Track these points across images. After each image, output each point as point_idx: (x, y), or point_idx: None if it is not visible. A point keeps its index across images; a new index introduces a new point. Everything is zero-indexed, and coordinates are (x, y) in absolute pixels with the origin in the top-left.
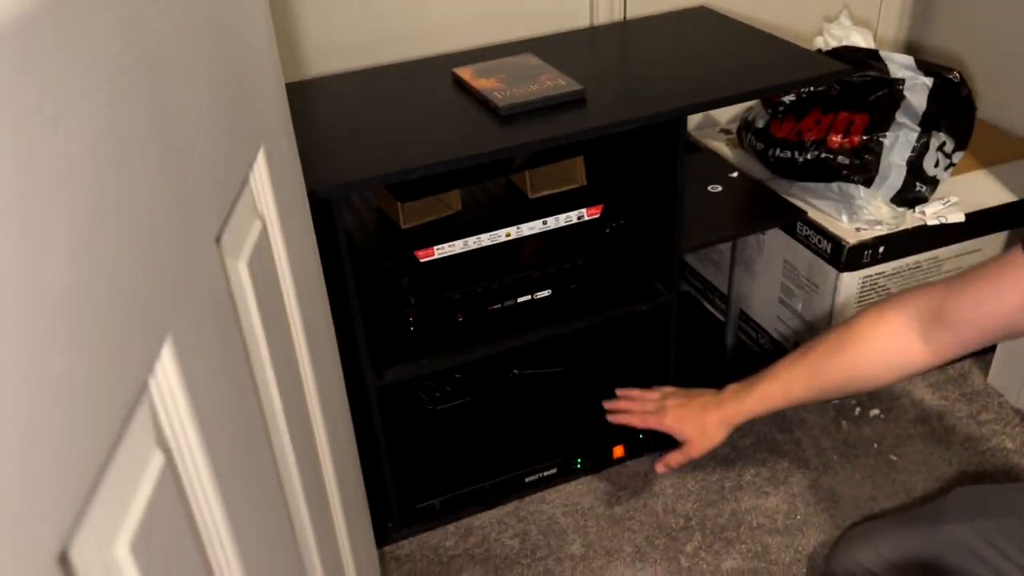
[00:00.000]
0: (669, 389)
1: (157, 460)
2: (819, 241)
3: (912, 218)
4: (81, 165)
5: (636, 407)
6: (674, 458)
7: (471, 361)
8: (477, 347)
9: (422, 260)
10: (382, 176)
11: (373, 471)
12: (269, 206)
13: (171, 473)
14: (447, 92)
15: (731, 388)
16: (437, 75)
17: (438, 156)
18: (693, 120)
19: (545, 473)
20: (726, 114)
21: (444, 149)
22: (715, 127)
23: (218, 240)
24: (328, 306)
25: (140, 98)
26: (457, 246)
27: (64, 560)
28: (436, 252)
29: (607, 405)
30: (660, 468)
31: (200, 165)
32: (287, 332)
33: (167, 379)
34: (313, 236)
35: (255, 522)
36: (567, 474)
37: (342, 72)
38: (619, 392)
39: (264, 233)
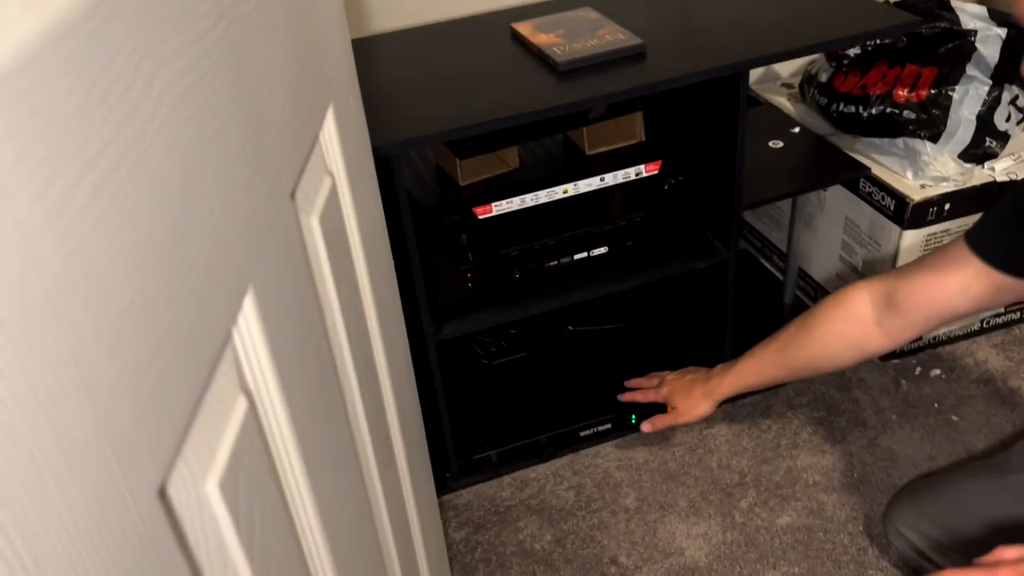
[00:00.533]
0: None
1: (241, 405)
2: (882, 198)
3: (980, 174)
4: (170, 122)
5: (641, 384)
6: (660, 420)
7: (527, 317)
8: (534, 303)
9: (480, 217)
10: (442, 133)
11: (432, 423)
12: (338, 163)
13: (253, 417)
14: (506, 48)
15: (719, 366)
16: (496, 31)
17: (497, 112)
18: (754, 74)
19: (600, 428)
20: (788, 68)
21: (503, 105)
22: (776, 81)
23: (292, 196)
24: (392, 261)
25: (221, 59)
26: (515, 203)
27: (163, 495)
28: (494, 209)
29: (622, 395)
30: (646, 427)
31: (276, 122)
32: (355, 285)
33: (249, 328)
34: (378, 192)
35: (328, 465)
36: (621, 429)
37: (401, 29)
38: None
39: (334, 189)
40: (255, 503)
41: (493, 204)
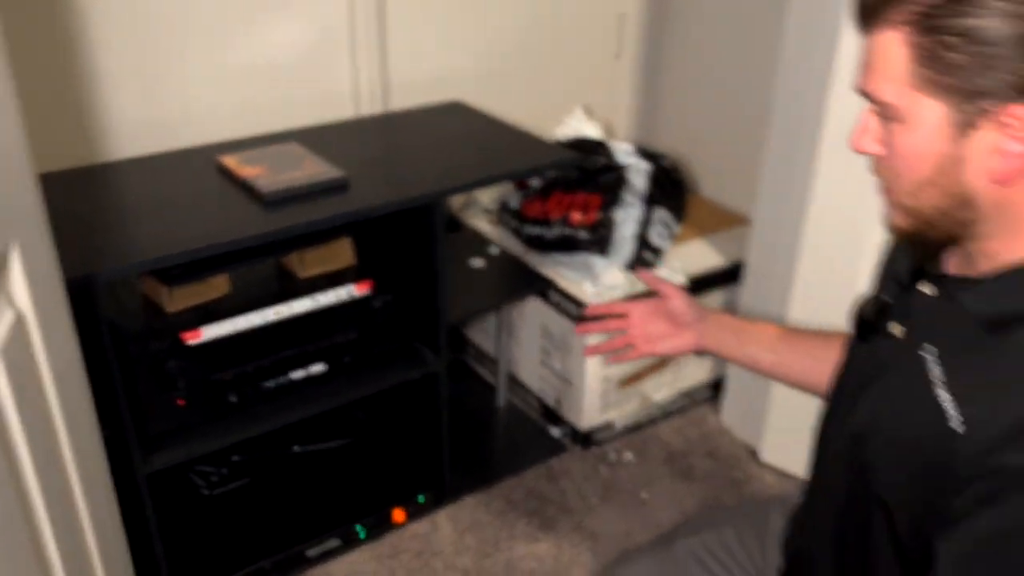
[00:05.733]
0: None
1: None
2: (568, 306)
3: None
4: None
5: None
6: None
7: (249, 440)
8: (253, 425)
9: (189, 342)
10: (146, 261)
11: (146, 558)
12: (25, 300)
13: None
14: (213, 180)
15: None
16: (203, 164)
17: (202, 241)
18: (458, 200)
19: (328, 545)
20: (488, 195)
21: (209, 235)
22: (478, 207)
23: None
24: (90, 394)
25: None
26: (225, 327)
27: None
28: (203, 334)
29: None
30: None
31: None
32: (47, 421)
33: None
34: (71, 325)
35: None
36: (350, 544)
37: (106, 163)
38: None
39: (19, 324)
40: None
41: (203, 329)
